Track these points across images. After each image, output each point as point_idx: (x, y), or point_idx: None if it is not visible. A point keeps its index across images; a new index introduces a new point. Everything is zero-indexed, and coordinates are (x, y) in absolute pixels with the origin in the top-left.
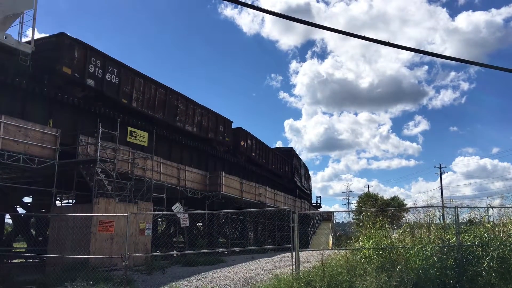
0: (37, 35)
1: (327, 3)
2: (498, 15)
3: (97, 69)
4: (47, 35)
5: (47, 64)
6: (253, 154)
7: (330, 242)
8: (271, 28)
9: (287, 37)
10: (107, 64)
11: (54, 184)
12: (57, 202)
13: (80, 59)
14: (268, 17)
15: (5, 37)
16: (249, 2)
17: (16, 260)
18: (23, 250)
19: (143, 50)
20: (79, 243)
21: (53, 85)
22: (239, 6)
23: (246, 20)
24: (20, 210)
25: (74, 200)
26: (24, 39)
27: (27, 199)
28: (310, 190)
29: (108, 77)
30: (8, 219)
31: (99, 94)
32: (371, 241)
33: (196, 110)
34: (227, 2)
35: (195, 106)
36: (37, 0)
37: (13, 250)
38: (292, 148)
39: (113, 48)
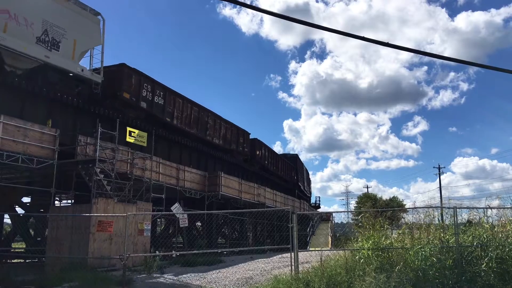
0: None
1: (326, 3)
2: (497, 15)
3: (148, 92)
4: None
5: (109, 90)
6: (266, 162)
7: (329, 242)
8: (270, 28)
9: (286, 37)
10: (155, 88)
11: (53, 184)
12: (56, 202)
13: (135, 85)
14: (267, 17)
15: (82, 70)
16: (248, 2)
17: (15, 260)
18: (22, 250)
19: (141, 49)
20: (78, 243)
21: (113, 107)
22: (238, 6)
23: (245, 20)
24: (19, 210)
25: (73, 200)
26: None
27: (26, 199)
28: (310, 193)
29: (156, 99)
30: (7, 219)
31: (148, 114)
32: (370, 241)
33: (222, 124)
34: (226, 2)
35: (221, 121)
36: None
37: (12, 250)
38: (297, 154)
39: (111, 47)
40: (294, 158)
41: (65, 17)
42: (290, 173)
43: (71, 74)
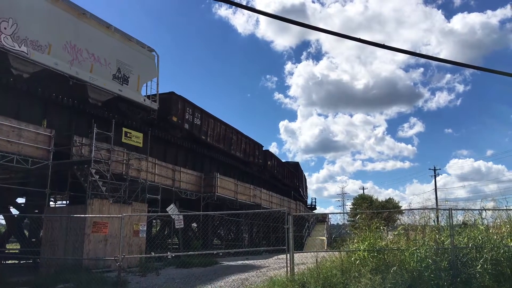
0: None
1: (322, 4)
2: (493, 16)
3: (189, 115)
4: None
5: (161, 114)
6: (275, 171)
7: (325, 243)
8: (265, 29)
9: (282, 38)
10: (195, 111)
11: (48, 185)
12: (51, 203)
13: (181, 109)
14: (262, 17)
15: (144, 100)
16: (244, 3)
17: (9, 261)
18: (17, 251)
19: None
20: (73, 244)
21: (162, 128)
22: (234, 6)
23: (240, 20)
24: (14, 210)
25: (68, 201)
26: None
27: (21, 200)
28: (307, 197)
29: (195, 121)
30: (1, 220)
31: (189, 134)
32: (366, 243)
33: (242, 139)
34: (221, 2)
35: (242, 136)
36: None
37: (7, 251)
38: (298, 162)
39: None
40: (296, 165)
41: (131, 56)
42: (293, 180)
43: (135, 103)
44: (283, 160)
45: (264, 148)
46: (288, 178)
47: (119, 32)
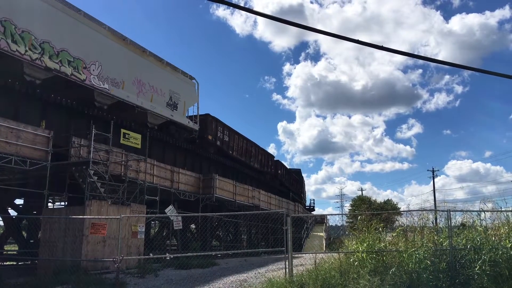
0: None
1: (320, 4)
2: (492, 17)
3: (220, 133)
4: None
5: (199, 133)
6: (284, 179)
7: (324, 245)
8: (263, 30)
9: (280, 39)
10: (224, 129)
11: (46, 186)
12: (49, 204)
13: (214, 129)
14: (260, 18)
15: (188, 122)
16: (242, 3)
17: (7, 263)
18: (15, 252)
19: None
20: (71, 245)
21: (199, 145)
22: (231, 7)
23: (238, 21)
24: (12, 212)
25: (66, 202)
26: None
27: (19, 201)
28: (305, 200)
29: (224, 138)
30: None
31: (219, 150)
32: (365, 244)
33: (259, 151)
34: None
35: (258, 149)
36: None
37: (5, 253)
38: (300, 169)
39: None
40: (298, 172)
41: (179, 85)
42: (297, 187)
43: (182, 125)
44: (282, 162)
45: (269, 154)
46: (293, 185)
47: (169, 65)
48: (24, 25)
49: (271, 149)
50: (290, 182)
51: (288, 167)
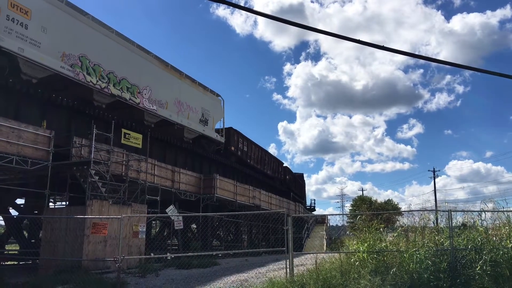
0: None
1: (321, 4)
2: (493, 17)
3: (240, 144)
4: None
5: (224, 145)
6: (291, 184)
7: (324, 245)
8: (264, 29)
9: (281, 38)
10: (244, 140)
11: (48, 186)
12: (50, 204)
13: (236, 140)
14: (261, 17)
15: (216, 136)
16: (242, 3)
17: (8, 263)
18: (16, 252)
19: None
20: (72, 245)
21: (224, 155)
22: (231, 7)
23: (238, 20)
24: (13, 212)
25: (67, 202)
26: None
27: (20, 201)
28: (306, 201)
29: (244, 148)
30: (0, 221)
31: (239, 159)
32: (366, 244)
33: (271, 159)
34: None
35: (271, 156)
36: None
37: (6, 252)
38: (302, 173)
39: None
40: (301, 176)
41: (209, 103)
42: (301, 190)
43: (211, 139)
44: (289, 168)
45: (279, 161)
46: (297, 188)
47: (201, 85)
48: (95, 59)
49: (272, 149)
50: (295, 186)
51: (293, 172)
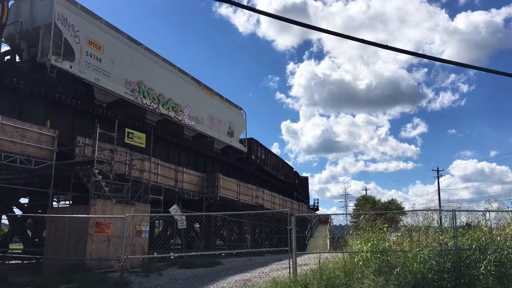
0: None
1: (324, 2)
2: (497, 15)
3: (259, 153)
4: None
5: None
6: (298, 188)
7: (328, 245)
8: (267, 28)
9: (284, 37)
10: (262, 149)
11: (51, 185)
12: (54, 203)
13: (256, 150)
14: (263, 16)
15: (240, 146)
16: (244, 1)
17: (12, 261)
18: (20, 251)
19: None
20: (76, 244)
21: (246, 163)
22: (234, 6)
23: (241, 19)
24: (17, 211)
25: (71, 201)
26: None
27: (24, 200)
28: (308, 201)
29: (262, 156)
30: (4, 220)
31: (258, 166)
32: (369, 244)
33: (284, 165)
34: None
35: (283, 162)
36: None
37: (10, 251)
38: (307, 177)
39: None
40: (306, 179)
41: (234, 116)
42: (305, 192)
43: (236, 149)
44: (297, 172)
45: (290, 166)
46: (303, 190)
47: (228, 101)
48: (149, 84)
49: (275, 149)
50: (301, 189)
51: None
